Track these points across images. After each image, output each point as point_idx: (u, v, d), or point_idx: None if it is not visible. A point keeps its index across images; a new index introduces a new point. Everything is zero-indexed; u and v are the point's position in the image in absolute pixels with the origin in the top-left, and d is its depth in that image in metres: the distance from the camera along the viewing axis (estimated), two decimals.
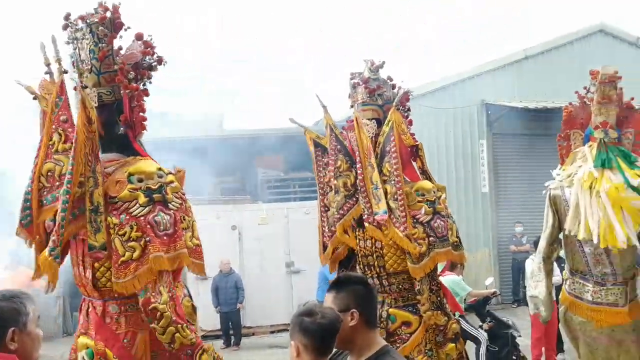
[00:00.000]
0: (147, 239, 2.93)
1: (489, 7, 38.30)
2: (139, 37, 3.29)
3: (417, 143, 4.52)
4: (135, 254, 2.91)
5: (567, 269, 5.87)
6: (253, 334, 12.12)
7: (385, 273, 4.33)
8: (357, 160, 4.35)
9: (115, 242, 2.93)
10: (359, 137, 4.31)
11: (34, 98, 3.31)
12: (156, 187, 3.02)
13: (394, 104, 4.39)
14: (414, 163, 4.59)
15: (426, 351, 4.17)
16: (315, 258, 4.94)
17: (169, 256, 2.96)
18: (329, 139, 4.53)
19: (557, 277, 7.63)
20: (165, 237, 2.96)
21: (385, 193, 4.20)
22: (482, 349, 7.12)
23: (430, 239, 4.18)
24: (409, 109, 4.68)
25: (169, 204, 3.04)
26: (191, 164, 14.51)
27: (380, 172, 4.30)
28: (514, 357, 7.31)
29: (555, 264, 7.90)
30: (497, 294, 8.40)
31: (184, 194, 3.19)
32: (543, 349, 8.25)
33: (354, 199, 4.43)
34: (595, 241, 5.20)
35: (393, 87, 4.63)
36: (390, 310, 4.29)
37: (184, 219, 3.11)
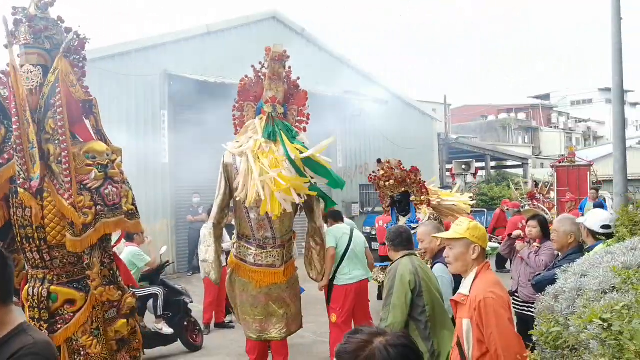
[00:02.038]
0: None
1: None
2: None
3: (91, 98, 3.98)
4: None
5: (235, 233, 6.22)
6: None
7: (46, 246, 3.77)
8: (14, 113, 3.64)
9: None
10: (15, 85, 3.61)
11: None
12: None
13: (62, 48, 3.77)
14: (87, 121, 4.02)
15: (92, 330, 3.77)
16: None
17: None
18: None
19: (227, 244, 8.04)
20: None
21: (48, 154, 3.65)
22: (160, 302, 7.11)
23: (98, 207, 3.69)
24: (85, 59, 4.04)
25: None
26: None
27: (43, 129, 3.71)
28: (185, 323, 7.46)
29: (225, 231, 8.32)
30: (170, 263, 8.47)
31: None
32: (214, 312, 8.63)
33: None
34: (257, 207, 5.63)
35: (68, 31, 3.95)
36: (52, 287, 3.79)
37: None
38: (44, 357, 2.04)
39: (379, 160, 8.41)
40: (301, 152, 5.64)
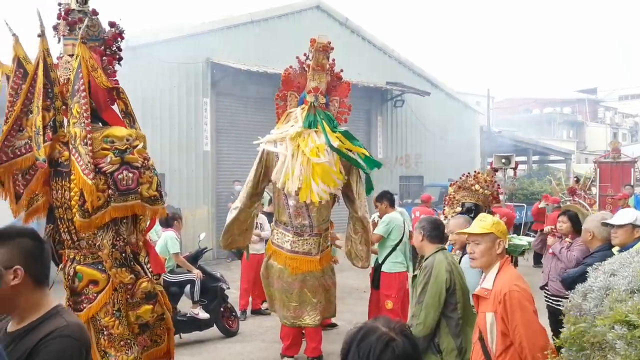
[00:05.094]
0: None
1: None
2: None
3: (117, 86, 4.10)
4: None
5: (274, 220, 6.36)
6: None
7: (73, 227, 3.89)
8: (24, 98, 3.84)
9: None
10: (32, 74, 3.80)
11: None
12: None
13: (80, 35, 3.90)
14: (115, 106, 4.17)
15: (114, 312, 3.87)
16: (6, 215, 4.26)
17: None
18: (14, 74, 3.89)
19: (266, 232, 8.19)
20: None
21: (75, 136, 3.76)
22: (197, 287, 7.28)
23: (110, 191, 3.78)
24: (119, 49, 4.20)
25: None
26: None
27: (72, 114, 3.86)
28: (222, 309, 7.63)
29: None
30: (208, 249, 8.64)
31: None
32: (250, 298, 8.78)
33: None
34: (296, 194, 5.75)
35: (112, 25, 4.14)
36: (78, 267, 3.92)
37: None
38: (75, 339, 2.11)
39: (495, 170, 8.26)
40: (341, 141, 5.76)
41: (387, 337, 1.62)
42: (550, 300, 5.86)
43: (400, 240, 6.97)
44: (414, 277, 4.37)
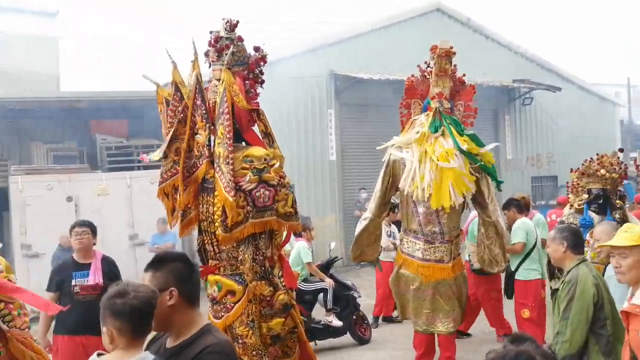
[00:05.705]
0: None
1: None
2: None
3: (257, 108, 4.35)
4: None
5: (402, 228, 6.34)
6: None
7: (216, 240, 4.15)
8: (170, 120, 4.30)
9: None
10: (192, 99, 4.17)
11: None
12: None
13: (225, 61, 4.20)
14: (256, 127, 4.44)
15: (248, 322, 4.06)
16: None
17: None
18: (172, 98, 4.29)
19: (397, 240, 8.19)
20: None
21: (219, 156, 4.04)
22: (329, 296, 7.44)
23: (248, 208, 4.00)
24: (261, 72, 4.47)
25: None
26: (20, 128, 13.27)
27: (216, 134, 4.15)
28: (354, 317, 7.73)
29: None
30: (339, 258, 8.77)
31: None
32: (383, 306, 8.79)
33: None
34: (426, 201, 5.69)
35: (256, 49, 4.43)
36: (217, 277, 4.20)
37: None
38: (226, 354, 2.34)
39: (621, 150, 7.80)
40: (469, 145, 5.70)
41: None
42: None
43: (534, 246, 6.68)
44: (554, 291, 4.14)
